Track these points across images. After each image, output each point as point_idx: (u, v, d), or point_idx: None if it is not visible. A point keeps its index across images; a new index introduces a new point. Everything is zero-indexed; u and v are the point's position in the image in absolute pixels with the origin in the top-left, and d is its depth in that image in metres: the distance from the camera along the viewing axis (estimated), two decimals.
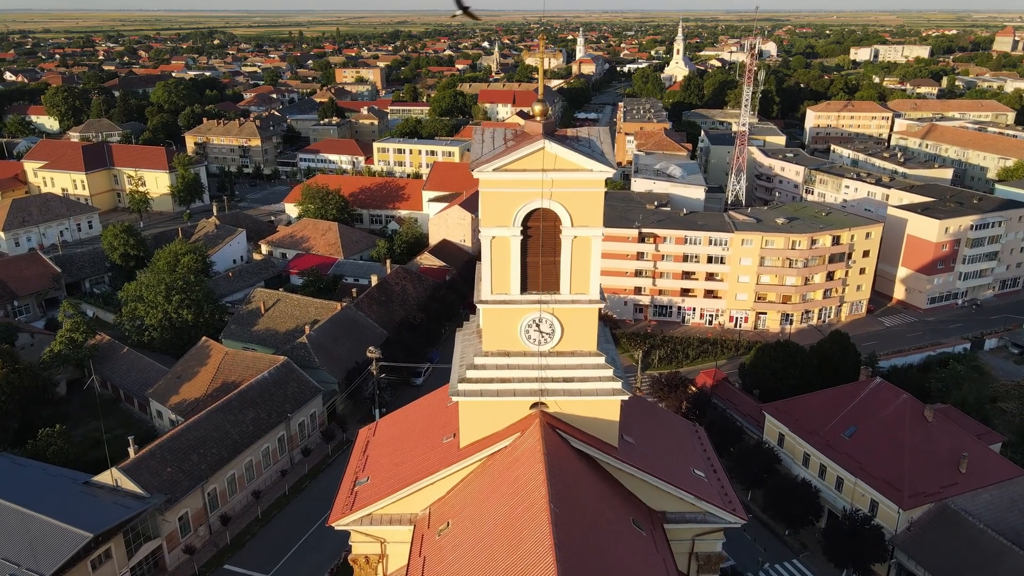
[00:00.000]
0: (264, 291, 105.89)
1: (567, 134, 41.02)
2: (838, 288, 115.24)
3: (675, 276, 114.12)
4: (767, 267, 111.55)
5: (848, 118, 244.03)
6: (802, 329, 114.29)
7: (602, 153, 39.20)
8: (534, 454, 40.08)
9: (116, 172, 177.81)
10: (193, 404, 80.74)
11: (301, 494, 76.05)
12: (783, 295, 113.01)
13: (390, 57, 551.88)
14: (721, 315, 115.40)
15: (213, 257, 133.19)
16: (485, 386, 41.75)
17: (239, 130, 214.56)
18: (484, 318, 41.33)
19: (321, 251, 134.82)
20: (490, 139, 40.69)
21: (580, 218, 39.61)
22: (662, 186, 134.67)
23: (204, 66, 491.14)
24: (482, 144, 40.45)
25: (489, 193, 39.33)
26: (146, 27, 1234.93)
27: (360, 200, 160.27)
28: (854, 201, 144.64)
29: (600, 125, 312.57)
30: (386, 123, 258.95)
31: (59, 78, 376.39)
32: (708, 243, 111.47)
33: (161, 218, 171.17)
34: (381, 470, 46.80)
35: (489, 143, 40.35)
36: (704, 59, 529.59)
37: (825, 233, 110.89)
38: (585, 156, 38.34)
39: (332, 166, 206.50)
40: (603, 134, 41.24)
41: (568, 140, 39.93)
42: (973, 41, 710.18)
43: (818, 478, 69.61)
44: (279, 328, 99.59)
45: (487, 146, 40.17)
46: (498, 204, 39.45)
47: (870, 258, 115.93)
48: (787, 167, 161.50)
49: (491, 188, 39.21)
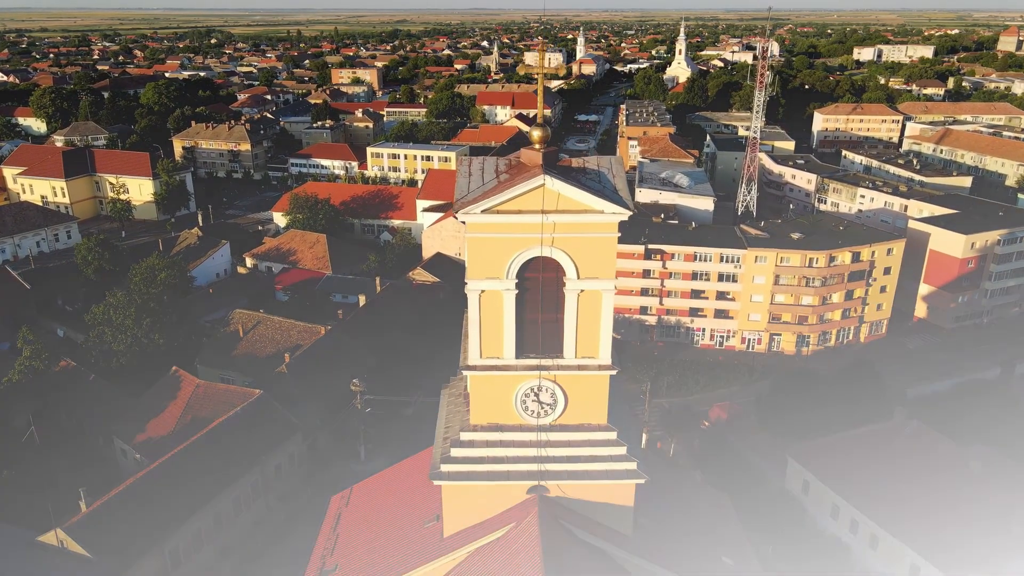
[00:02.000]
0: (243, 313, 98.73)
1: (571, 165, 34.00)
2: (857, 307, 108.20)
3: (683, 295, 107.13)
4: (782, 286, 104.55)
5: (857, 121, 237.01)
6: (819, 351, 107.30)
7: (615, 190, 32.16)
8: (531, 549, 33.33)
9: (98, 179, 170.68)
10: (159, 442, 73.65)
11: (278, 545, 69.00)
12: (799, 315, 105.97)
13: (388, 57, 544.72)
14: (732, 336, 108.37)
15: (194, 271, 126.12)
16: (473, 467, 34.80)
17: (228, 134, 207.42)
18: (472, 386, 34.33)
19: (309, 265, 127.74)
20: (478, 172, 33.64)
21: (588, 268, 32.63)
22: (668, 196, 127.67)
23: (199, 66, 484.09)
24: (468, 178, 33.40)
25: (477, 239, 32.34)
26: (144, 26, 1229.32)
27: (351, 209, 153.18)
28: (870, 211, 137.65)
29: (601, 126, 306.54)
30: (381, 126, 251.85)
31: (50, 78, 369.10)
32: (719, 260, 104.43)
33: (144, 227, 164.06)
34: (352, 558, 39.68)
35: (477, 177, 33.30)
36: (706, 59, 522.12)
37: (844, 250, 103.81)
38: (594, 194, 31.31)
39: (324, 172, 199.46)
40: (615, 165, 34.16)
41: (573, 173, 32.89)
42: (976, 41, 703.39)
43: (849, 534, 62.55)
44: (258, 353, 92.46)
45: (474, 180, 33.13)
46: (488, 252, 32.47)
47: (892, 275, 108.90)
48: (798, 175, 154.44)
49: (480, 233, 32.22)
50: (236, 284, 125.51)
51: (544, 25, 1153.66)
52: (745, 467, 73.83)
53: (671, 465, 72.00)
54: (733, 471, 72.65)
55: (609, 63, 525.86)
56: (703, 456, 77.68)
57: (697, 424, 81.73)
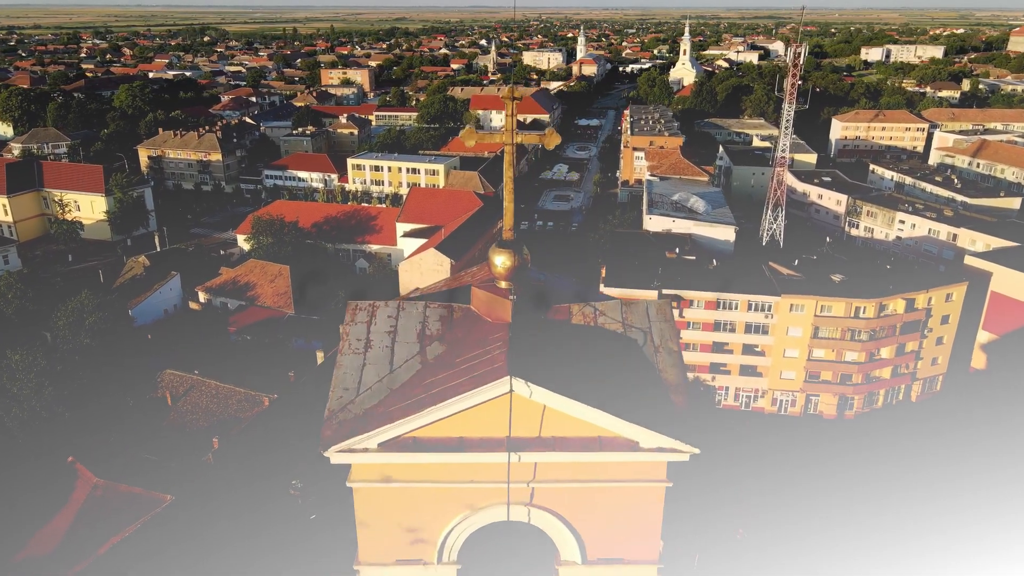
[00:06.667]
0: (174, 374, 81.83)
1: (573, 318, 17.41)
2: (910, 363, 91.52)
3: (703, 348, 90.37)
4: (822, 339, 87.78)
5: (879, 129, 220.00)
6: (864, 414, 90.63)
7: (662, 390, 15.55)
8: None
9: (46, 194, 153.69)
10: (39, 564, 57.12)
11: None
12: (841, 373, 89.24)
13: (383, 56, 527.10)
14: (761, 397, 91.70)
15: (138, 308, 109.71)
16: None
17: (198, 142, 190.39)
18: None
19: (268, 302, 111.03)
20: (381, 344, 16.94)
21: (604, 543, 15.99)
22: (682, 224, 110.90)
23: (187, 65, 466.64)
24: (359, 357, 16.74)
25: (372, 494, 15.63)
26: (139, 23, 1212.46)
27: (324, 232, 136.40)
28: (911, 239, 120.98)
29: (603, 132, 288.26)
30: (368, 132, 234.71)
31: (27, 78, 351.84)
32: (746, 308, 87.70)
33: (96, 248, 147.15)
34: None
35: (378, 356, 16.62)
36: (710, 58, 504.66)
37: (897, 297, 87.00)
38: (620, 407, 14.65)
39: (301, 185, 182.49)
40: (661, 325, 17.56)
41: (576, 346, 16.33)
42: (985, 40, 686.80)
43: None
44: (189, 427, 75.72)
45: (370, 369, 16.41)
46: (394, 518, 15.80)
47: (950, 325, 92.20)
48: (825, 194, 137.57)
49: (375, 483, 15.56)
50: (186, 323, 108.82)
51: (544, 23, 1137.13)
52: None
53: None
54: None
55: (610, 63, 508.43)
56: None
57: (730, 529, 65.15)
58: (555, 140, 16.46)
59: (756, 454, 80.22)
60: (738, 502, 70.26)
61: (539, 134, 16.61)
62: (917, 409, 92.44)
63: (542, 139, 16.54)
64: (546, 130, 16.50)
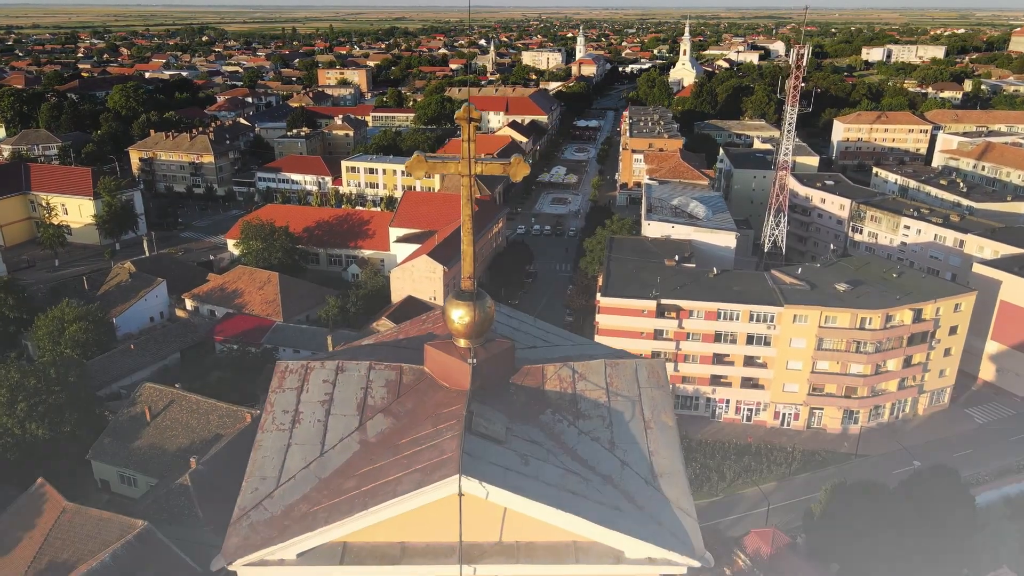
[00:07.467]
0: (153, 388, 78.64)
1: (545, 386, 14.38)
2: (917, 375, 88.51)
3: (703, 359, 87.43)
4: (826, 351, 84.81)
5: (882, 131, 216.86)
6: (870, 428, 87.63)
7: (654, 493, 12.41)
8: None
9: (33, 197, 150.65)
10: None
11: None
12: (846, 386, 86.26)
13: (381, 56, 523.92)
14: (763, 410, 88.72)
15: (123, 317, 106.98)
16: None
17: (190, 144, 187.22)
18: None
19: (256, 310, 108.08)
20: (312, 419, 13.80)
21: None
22: (682, 230, 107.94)
23: (184, 65, 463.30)
24: (284, 434, 13.62)
25: None
26: (139, 23, 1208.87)
27: (316, 236, 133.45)
28: (916, 245, 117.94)
29: (602, 133, 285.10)
30: (363, 134, 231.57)
31: (22, 79, 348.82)
32: (748, 319, 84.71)
33: (84, 253, 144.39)
34: None
35: (307, 436, 13.49)
36: (710, 58, 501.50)
37: (904, 308, 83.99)
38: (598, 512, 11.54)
39: (295, 187, 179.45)
40: (653, 392, 14.50)
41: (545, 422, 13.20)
42: (986, 40, 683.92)
43: None
44: (167, 445, 72.88)
45: (297, 451, 13.35)
46: None
47: (958, 336, 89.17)
48: (829, 199, 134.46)
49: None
50: (172, 332, 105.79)
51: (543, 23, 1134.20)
52: None
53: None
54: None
55: (610, 63, 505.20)
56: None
57: (727, 555, 62.17)
58: (523, 171, 13.48)
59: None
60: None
61: (504, 163, 13.65)
62: (925, 424, 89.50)
63: (507, 169, 13.58)
64: (512, 158, 13.47)
